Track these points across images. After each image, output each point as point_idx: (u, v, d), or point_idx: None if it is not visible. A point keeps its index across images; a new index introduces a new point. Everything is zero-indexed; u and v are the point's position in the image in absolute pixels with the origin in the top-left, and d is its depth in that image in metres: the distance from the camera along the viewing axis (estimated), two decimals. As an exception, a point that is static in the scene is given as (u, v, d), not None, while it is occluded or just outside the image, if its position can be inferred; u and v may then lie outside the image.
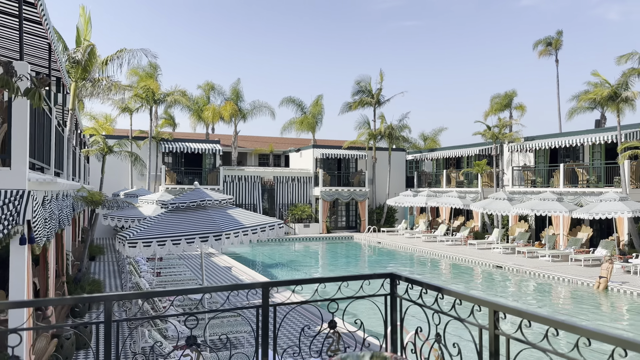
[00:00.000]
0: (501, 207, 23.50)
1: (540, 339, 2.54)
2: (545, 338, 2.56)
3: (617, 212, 18.17)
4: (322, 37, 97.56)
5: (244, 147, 41.15)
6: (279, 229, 8.91)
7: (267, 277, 19.39)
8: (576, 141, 23.65)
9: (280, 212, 33.59)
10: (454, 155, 33.34)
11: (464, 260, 22.49)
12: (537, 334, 2.90)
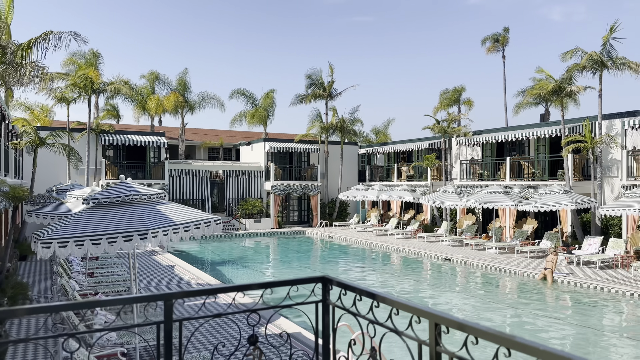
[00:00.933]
0: (449, 200, 23.63)
1: (490, 359, 2.08)
2: (495, 359, 2.09)
3: (561, 204, 18.53)
4: (274, 30, 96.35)
5: (193, 140, 39.82)
6: (216, 226, 8.26)
7: (215, 275, 18.61)
8: (522, 135, 24.08)
9: (230, 208, 32.68)
10: (405, 149, 33.43)
11: (413, 254, 22.47)
12: (487, 350, 2.45)
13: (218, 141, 39.32)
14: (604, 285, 14.69)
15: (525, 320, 12.26)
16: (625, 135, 20.20)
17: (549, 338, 10.66)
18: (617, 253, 17.89)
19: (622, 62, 19.82)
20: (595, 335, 10.83)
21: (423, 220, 29.91)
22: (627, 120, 19.50)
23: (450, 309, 13.43)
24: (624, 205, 16.31)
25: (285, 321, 10.70)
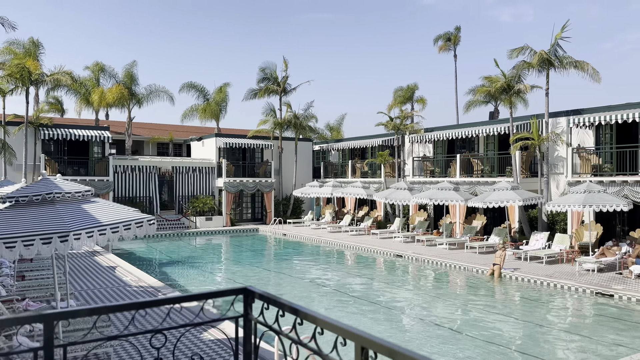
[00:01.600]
0: (402, 196, 23.66)
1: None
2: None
3: (509, 200, 18.81)
4: (229, 24, 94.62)
5: (141, 135, 38.35)
6: (149, 226, 7.71)
7: (161, 277, 17.82)
8: (472, 132, 24.39)
9: (180, 205, 31.63)
10: (359, 145, 33.36)
11: (366, 250, 22.36)
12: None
13: (168, 136, 38.03)
14: (550, 280, 14.95)
15: (475, 316, 12.25)
16: (570, 133, 20.75)
17: (497, 334, 10.65)
18: (563, 248, 18.34)
19: (568, 60, 20.32)
20: (541, 330, 10.91)
21: (377, 217, 29.94)
22: (572, 119, 20.03)
23: (402, 306, 13.30)
24: (569, 201, 16.69)
25: (215, 332, 10.18)
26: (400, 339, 10.33)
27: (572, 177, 19.51)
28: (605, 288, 13.57)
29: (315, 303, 13.60)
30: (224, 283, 16.57)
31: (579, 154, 19.74)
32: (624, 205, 15.89)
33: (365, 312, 12.53)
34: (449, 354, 9.41)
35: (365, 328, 11.02)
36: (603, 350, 9.56)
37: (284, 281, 16.85)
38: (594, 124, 19.44)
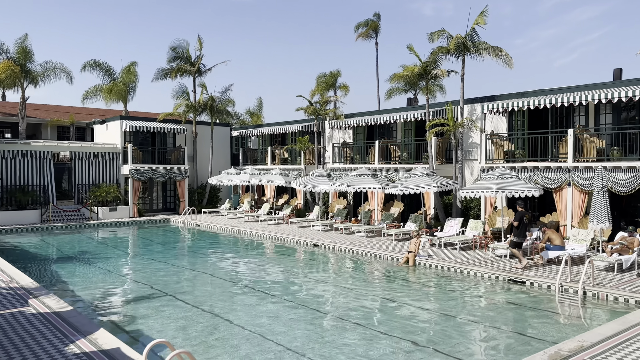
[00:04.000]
0: (320, 183, 22.77)
1: None
2: None
3: (424, 186, 18.43)
4: (142, 3, 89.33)
5: (38, 117, 34.68)
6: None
7: (47, 277, 15.70)
8: (390, 118, 23.93)
9: (80, 195, 28.81)
10: (279, 131, 32.12)
11: (284, 240, 21.29)
12: None
13: (68, 119, 34.65)
14: (463, 267, 14.62)
15: (388, 306, 11.52)
16: (484, 119, 20.75)
17: (410, 324, 9.91)
18: (476, 234, 18.25)
19: (484, 46, 20.22)
20: (453, 320, 10.32)
21: (297, 205, 28.95)
22: (486, 105, 19.98)
23: (316, 297, 12.29)
24: (482, 187, 16.49)
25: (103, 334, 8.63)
26: (312, 334, 9.30)
27: (486, 163, 19.49)
28: (517, 275, 13.37)
29: (227, 302, 12.27)
30: (127, 283, 14.76)
31: (492, 140, 19.75)
32: (535, 191, 15.89)
33: (279, 307, 11.40)
34: (360, 349, 8.49)
35: (281, 325, 9.91)
36: (513, 341, 9.07)
37: (196, 277, 15.32)
38: (507, 110, 19.49)
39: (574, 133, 17.10)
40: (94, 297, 12.81)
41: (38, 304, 10.49)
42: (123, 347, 7.93)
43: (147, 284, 14.01)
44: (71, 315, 9.68)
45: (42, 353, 7.64)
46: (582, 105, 18.10)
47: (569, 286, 12.05)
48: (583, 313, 10.92)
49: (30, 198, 26.33)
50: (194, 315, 10.95)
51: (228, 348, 8.82)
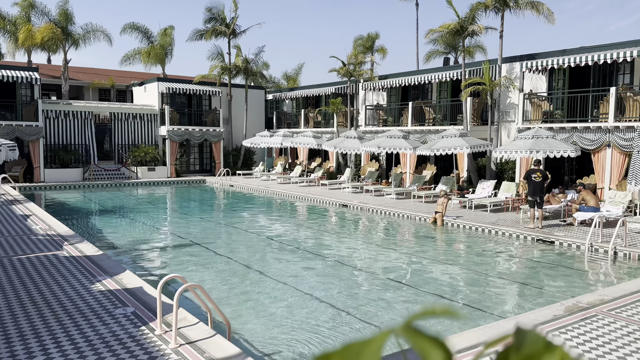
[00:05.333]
0: (351, 145, 22.63)
1: None
2: None
3: (457, 147, 18.02)
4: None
5: (80, 80, 35.71)
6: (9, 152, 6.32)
7: (89, 228, 16.44)
8: (425, 79, 23.33)
9: (120, 155, 29.73)
10: (313, 94, 31.92)
11: (314, 201, 21.44)
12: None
13: (109, 81, 35.51)
14: (492, 227, 14.35)
15: (413, 261, 11.50)
16: (523, 79, 19.92)
17: (436, 280, 9.88)
18: (509, 196, 17.80)
19: (524, 1, 19.21)
20: (479, 277, 10.21)
21: (329, 168, 28.96)
22: (525, 63, 19.14)
23: (341, 254, 12.39)
24: (516, 147, 15.97)
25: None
26: (344, 289, 9.43)
27: (523, 124, 18.81)
28: (546, 235, 13.02)
29: (258, 256, 12.55)
30: (161, 234, 15.32)
31: (530, 100, 18.98)
32: (571, 151, 15.27)
33: (307, 263, 11.58)
34: (390, 303, 8.56)
35: (306, 277, 10.11)
36: (537, 296, 8.91)
37: (228, 232, 15.73)
38: (547, 69, 18.62)
39: (617, 92, 16.20)
40: (127, 245, 13.37)
41: (71, 248, 11.03)
42: (145, 286, 8.27)
43: (180, 236, 14.48)
44: (101, 259, 10.14)
45: (69, 289, 8.07)
46: (627, 63, 17.07)
47: (600, 246, 11.65)
48: (611, 272, 10.57)
49: (73, 157, 27.40)
50: (227, 265, 11.25)
51: (266, 299, 8.96)
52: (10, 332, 6.26)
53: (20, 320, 6.65)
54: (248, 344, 6.73)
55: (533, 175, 13.78)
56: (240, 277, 10.19)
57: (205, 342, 5.82)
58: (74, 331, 6.28)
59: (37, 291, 7.92)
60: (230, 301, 8.62)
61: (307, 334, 7.13)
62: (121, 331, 6.28)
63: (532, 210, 13.92)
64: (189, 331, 6.13)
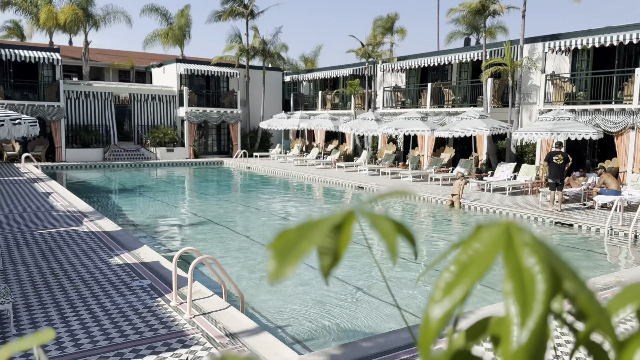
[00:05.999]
0: (368, 127, 22.48)
1: None
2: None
3: (476, 129, 17.76)
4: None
5: (101, 61, 36.02)
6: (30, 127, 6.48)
7: (108, 205, 16.72)
8: (445, 60, 22.96)
9: (139, 136, 30.05)
10: (331, 76, 31.70)
11: (329, 183, 21.44)
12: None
13: (128, 63, 35.76)
14: (510, 210, 14.18)
15: (429, 243, 11.47)
16: (545, 59, 19.47)
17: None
18: (528, 179, 17.54)
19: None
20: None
21: (345, 151, 28.87)
22: (548, 43, 18.68)
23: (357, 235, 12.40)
24: (537, 128, 15.67)
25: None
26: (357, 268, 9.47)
27: (544, 106, 18.43)
28: (564, 218, 12.83)
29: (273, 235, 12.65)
30: (178, 212, 15.52)
31: (552, 81, 18.56)
32: (593, 134, 14.94)
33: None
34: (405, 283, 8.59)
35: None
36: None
37: (244, 212, 15.87)
38: (570, 49, 18.16)
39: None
40: (145, 222, 13.58)
41: (91, 224, 11.25)
42: (162, 260, 8.41)
43: (198, 215, 14.65)
44: (119, 234, 10.32)
45: (88, 262, 8.25)
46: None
47: (620, 229, 11.45)
48: (632, 255, 10.39)
49: (94, 137, 27.78)
50: (242, 243, 11.37)
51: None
52: (31, 301, 6.44)
53: (41, 290, 6.83)
54: (261, 317, 6.82)
55: (554, 158, 13.55)
56: (255, 254, 10.29)
57: (219, 313, 5.91)
58: (92, 301, 6.43)
59: (57, 264, 8.11)
60: (244, 276, 8.72)
61: (321, 309, 7.19)
62: (138, 302, 6.41)
63: (552, 193, 13.71)
64: (203, 303, 6.23)
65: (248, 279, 8.57)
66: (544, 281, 0.44)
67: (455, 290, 0.47)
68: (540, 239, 0.48)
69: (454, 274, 0.48)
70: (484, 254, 0.49)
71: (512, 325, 0.43)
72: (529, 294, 0.44)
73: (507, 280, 0.45)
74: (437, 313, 0.46)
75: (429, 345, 0.46)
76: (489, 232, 0.50)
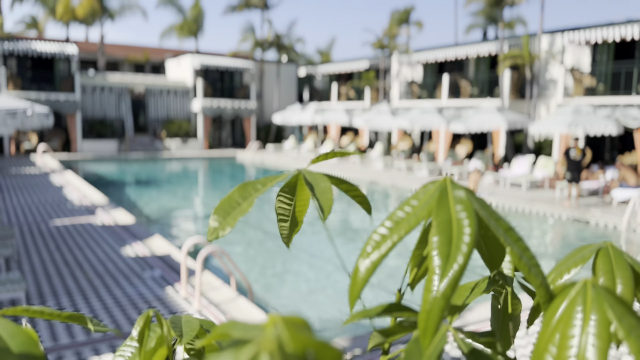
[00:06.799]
0: (383, 120, 22.29)
1: None
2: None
3: (492, 123, 17.49)
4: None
5: (116, 55, 36.28)
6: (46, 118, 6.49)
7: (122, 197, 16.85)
8: (462, 53, 22.63)
9: (154, 129, 30.23)
10: (346, 69, 31.50)
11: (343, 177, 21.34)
12: None
13: (143, 56, 35.95)
14: (525, 205, 13.94)
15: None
16: (564, 52, 19.07)
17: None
18: (545, 174, 17.23)
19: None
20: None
21: (361, 145, 28.70)
22: (568, 35, 18.28)
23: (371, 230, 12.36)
24: (555, 122, 15.37)
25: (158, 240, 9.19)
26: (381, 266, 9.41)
27: (563, 99, 18.08)
28: (581, 214, 12.57)
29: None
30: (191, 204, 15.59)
31: (572, 74, 18.18)
32: (612, 128, 14.60)
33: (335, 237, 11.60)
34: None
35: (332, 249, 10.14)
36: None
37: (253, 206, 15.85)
38: (590, 42, 17.75)
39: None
40: (158, 214, 13.65)
41: (105, 215, 11.32)
42: (173, 251, 8.42)
43: (211, 207, 14.69)
44: (132, 226, 10.37)
45: (101, 252, 8.29)
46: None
47: (638, 225, 11.17)
48: (651, 252, 10.15)
49: (109, 130, 28.02)
50: (254, 236, 11.36)
51: (292, 267, 9.09)
52: (44, 290, 6.48)
53: (53, 280, 6.87)
54: (270, 307, 6.78)
55: (572, 152, 13.29)
56: (266, 247, 10.27)
57: (228, 304, 5.88)
58: (103, 291, 6.45)
59: (70, 254, 8.17)
60: (255, 268, 8.70)
61: (332, 301, 7.13)
62: (148, 292, 6.41)
63: (570, 188, 13.45)
64: (213, 293, 6.21)
65: (258, 271, 8.54)
66: (470, 235, 0.46)
67: (383, 245, 0.48)
68: (475, 196, 0.49)
69: (388, 228, 0.49)
70: (416, 210, 0.49)
71: (434, 275, 0.45)
72: (453, 248, 0.45)
73: (433, 234, 0.46)
74: (365, 264, 0.48)
75: (357, 294, 0.48)
76: (426, 189, 0.51)
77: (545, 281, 0.47)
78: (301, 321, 0.36)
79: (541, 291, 0.46)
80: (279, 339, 0.33)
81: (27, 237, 9.17)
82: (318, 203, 0.48)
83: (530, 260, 0.47)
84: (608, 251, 0.57)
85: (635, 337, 0.40)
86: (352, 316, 0.52)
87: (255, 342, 0.32)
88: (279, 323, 0.34)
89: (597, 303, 0.42)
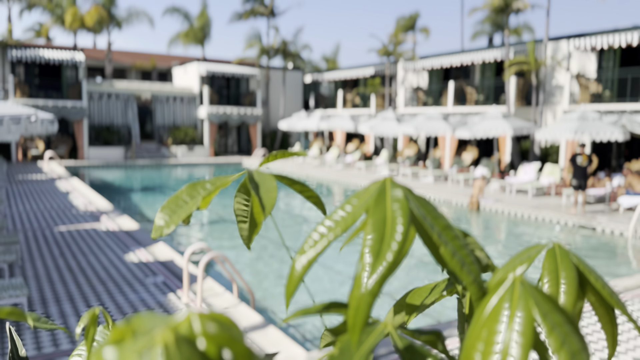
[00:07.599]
0: (389, 127, 22.28)
1: None
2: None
3: (498, 129, 17.43)
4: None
5: (123, 62, 36.59)
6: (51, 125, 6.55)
7: (127, 203, 16.94)
8: (468, 59, 22.62)
9: (160, 135, 30.40)
10: (351, 76, 31.57)
11: (348, 183, 21.35)
12: None
13: (150, 63, 36.23)
14: (531, 212, 13.85)
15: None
16: (569, 58, 19.02)
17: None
18: (552, 180, 17.13)
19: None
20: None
21: (366, 152, 28.70)
22: (573, 42, 18.24)
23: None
24: (561, 128, 15.30)
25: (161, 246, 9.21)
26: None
27: (570, 106, 18.01)
28: (587, 221, 12.47)
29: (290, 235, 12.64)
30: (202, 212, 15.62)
31: (578, 80, 18.11)
32: (619, 135, 14.50)
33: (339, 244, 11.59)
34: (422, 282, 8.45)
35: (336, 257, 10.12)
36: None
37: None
38: (596, 48, 17.69)
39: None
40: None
41: (110, 222, 11.37)
42: (176, 257, 8.43)
43: (216, 213, 14.72)
44: (136, 232, 10.40)
45: (104, 258, 8.31)
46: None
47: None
48: (658, 260, 10.04)
49: (116, 137, 28.21)
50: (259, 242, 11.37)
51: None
52: (47, 295, 6.50)
53: (56, 285, 6.90)
54: (272, 314, 6.76)
55: (578, 159, 13.22)
56: (269, 254, 10.26)
57: (229, 310, 5.86)
58: (105, 297, 6.47)
59: (74, 260, 8.20)
60: (257, 274, 8.69)
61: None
62: (150, 298, 6.42)
63: (576, 195, 13.37)
64: (214, 300, 6.21)
65: (260, 278, 8.53)
66: (402, 233, 0.46)
67: (319, 243, 0.50)
68: (415, 194, 0.50)
69: (327, 227, 0.50)
70: (355, 209, 0.50)
71: (363, 272, 0.45)
72: (384, 245, 0.46)
73: (367, 232, 0.47)
74: (302, 262, 0.49)
75: (293, 291, 0.49)
76: (368, 189, 0.52)
77: (478, 279, 0.47)
78: (226, 319, 0.36)
79: (473, 288, 0.47)
80: (177, 332, 0.32)
81: (32, 243, 9.22)
82: (260, 201, 0.48)
83: (465, 258, 0.47)
84: (555, 251, 0.57)
85: (558, 334, 0.40)
86: (294, 314, 0.53)
87: (151, 334, 0.31)
88: (196, 318, 0.34)
89: (524, 300, 0.42)
